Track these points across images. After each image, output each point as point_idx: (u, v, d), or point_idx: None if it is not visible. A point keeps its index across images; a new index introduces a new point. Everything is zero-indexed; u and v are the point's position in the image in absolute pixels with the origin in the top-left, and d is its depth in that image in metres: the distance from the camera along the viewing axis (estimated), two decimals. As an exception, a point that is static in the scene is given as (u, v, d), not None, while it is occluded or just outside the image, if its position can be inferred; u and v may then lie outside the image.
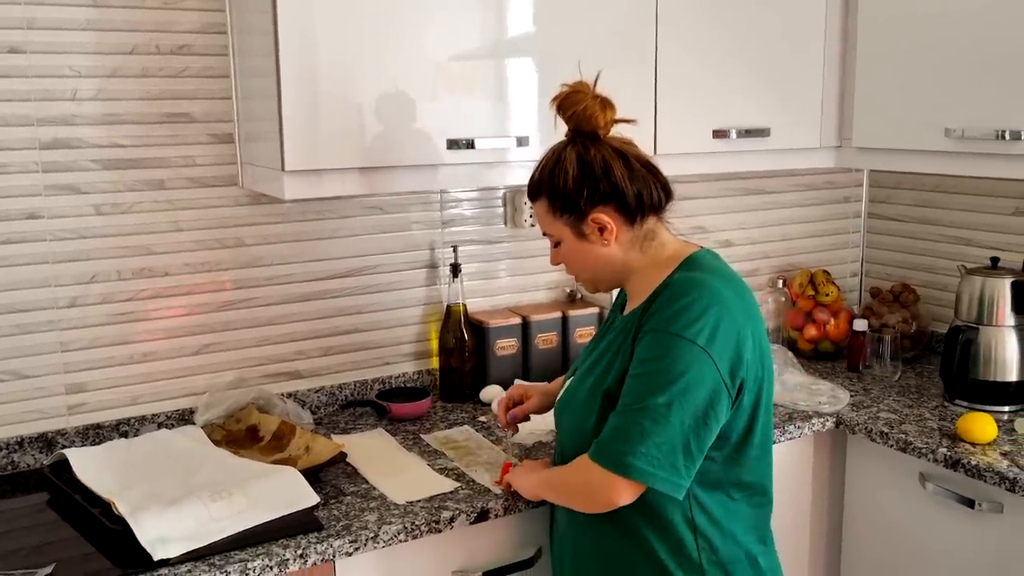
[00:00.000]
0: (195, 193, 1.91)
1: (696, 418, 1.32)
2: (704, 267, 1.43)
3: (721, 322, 1.34)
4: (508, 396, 1.82)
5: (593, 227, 1.44)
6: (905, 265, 2.64)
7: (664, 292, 1.39)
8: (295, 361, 2.08)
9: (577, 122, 1.45)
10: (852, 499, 2.12)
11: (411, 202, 2.15)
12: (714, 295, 1.36)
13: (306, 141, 1.68)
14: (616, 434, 1.34)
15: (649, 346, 1.36)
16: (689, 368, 1.31)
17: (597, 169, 1.42)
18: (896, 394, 2.20)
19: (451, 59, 1.80)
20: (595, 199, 1.42)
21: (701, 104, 2.10)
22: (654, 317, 1.37)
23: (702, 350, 1.32)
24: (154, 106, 1.84)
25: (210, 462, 1.74)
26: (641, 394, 1.33)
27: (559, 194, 1.44)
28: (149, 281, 1.89)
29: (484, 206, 2.25)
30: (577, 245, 1.48)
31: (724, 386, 1.34)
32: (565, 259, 1.52)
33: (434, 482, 1.72)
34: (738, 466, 1.43)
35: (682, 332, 1.32)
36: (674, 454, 1.31)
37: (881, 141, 2.24)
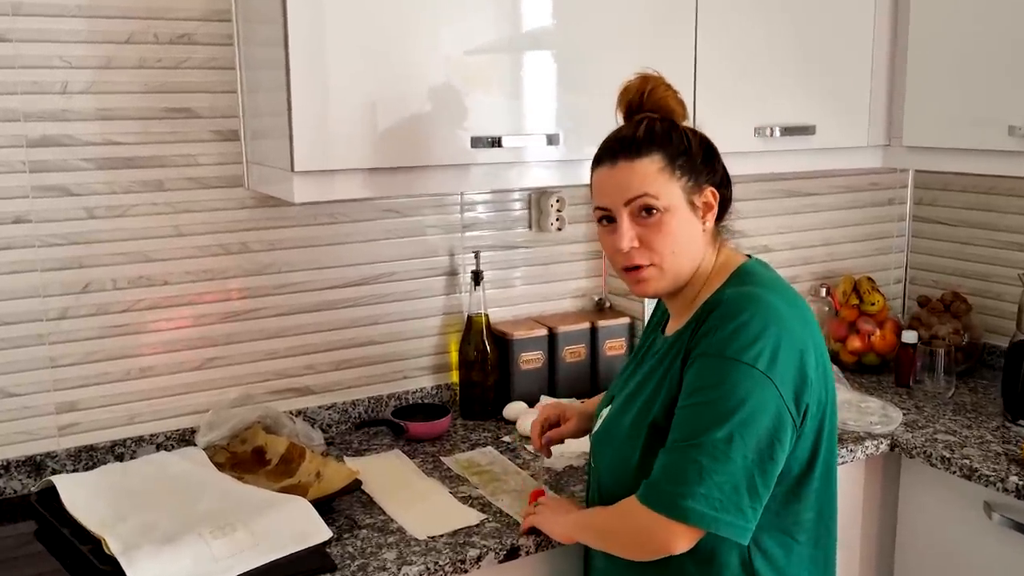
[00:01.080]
0: (197, 195, 1.76)
1: (760, 452, 1.17)
2: (757, 280, 1.29)
3: (782, 342, 1.19)
4: (544, 417, 1.68)
5: (702, 203, 1.29)
6: (954, 272, 2.48)
7: (715, 311, 1.23)
8: (305, 376, 1.93)
9: (657, 110, 1.31)
10: (906, 529, 1.96)
11: (429, 205, 2.00)
12: (772, 312, 1.21)
13: (318, 139, 1.52)
14: (670, 474, 1.18)
15: (702, 373, 1.21)
16: (750, 396, 1.17)
17: (713, 146, 1.33)
18: (951, 413, 2.04)
19: (475, 51, 1.64)
20: (713, 175, 1.31)
21: (742, 100, 1.95)
22: (705, 340, 1.22)
23: (763, 375, 1.17)
24: (152, 100, 1.69)
25: (212, 489, 1.59)
26: (696, 428, 1.18)
27: (681, 153, 1.27)
28: (147, 290, 1.74)
29: (506, 209, 2.10)
30: (683, 217, 1.27)
31: (788, 413, 1.19)
32: (654, 235, 1.26)
33: (458, 513, 1.57)
34: (799, 502, 1.28)
35: (739, 356, 1.18)
36: (738, 494, 1.16)
37: (934, 139, 2.08)
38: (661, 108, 1.31)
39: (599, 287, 2.25)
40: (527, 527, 1.48)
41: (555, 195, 2.12)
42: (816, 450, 1.26)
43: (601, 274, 2.24)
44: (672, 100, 1.32)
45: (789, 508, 1.27)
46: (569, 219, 2.15)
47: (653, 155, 1.26)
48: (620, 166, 1.27)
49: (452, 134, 1.63)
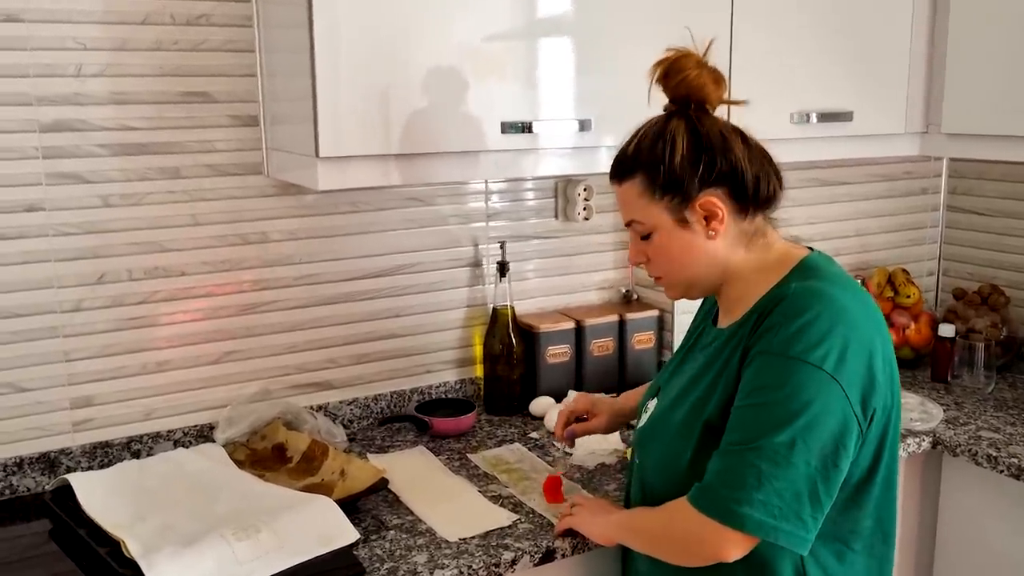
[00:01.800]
0: (215, 182, 1.70)
1: (824, 458, 1.10)
2: (822, 274, 1.20)
3: (850, 342, 1.11)
4: (572, 408, 1.60)
5: (699, 214, 1.20)
6: (989, 263, 2.41)
7: (779, 306, 1.15)
8: (325, 370, 1.87)
9: (685, 91, 1.22)
10: (947, 530, 1.89)
11: (452, 193, 1.93)
12: (840, 310, 1.13)
13: (343, 124, 1.46)
14: (726, 478, 1.12)
15: (764, 372, 1.13)
16: (815, 399, 1.10)
17: (715, 142, 1.19)
18: (993, 409, 1.97)
19: (504, 36, 1.58)
20: (708, 178, 1.19)
21: (779, 85, 1.87)
22: (767, 337, 1.14)
23: (830, 377, 1.10)
24: (168, 84, 1.63)
25: (233, 488, 1.53)
26: (756, 430, 1.11)
27: (662, 171, 1.20)
28: (163, 281, 1.68)
29: (532, 198, 2.03)
30: (674, 236, 1.22)
31: (855, 418, 1.12)
32: (654, 255, 1.26)
33: (488, 514, 1.51)
34: (859, 509, 1.21)
35: (805, 356, 1.10)
36: (799, 502, 1.09)
37: (974, 126, 2.01)
38: (690, 87, 1.22)
39: (626, 278, 2.18)
40: (563, 529, 1.42)
41: (582, 183, 2.05)
42: (879, 456, 1.19)
43: (628, 265, 2.17)
44: (700, 78, 1.21)
45: (847, 515, 1.20)
46: (596, 208, 2.08)
47: (635, 178, 1.22)
48: (615, 189, 1.27)
49: (481, 120, 1.56)
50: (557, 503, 1.52)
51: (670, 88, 1.23)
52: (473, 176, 1.65)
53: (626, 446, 1.76)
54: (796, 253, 1.25)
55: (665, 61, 1.23)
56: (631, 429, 1.85)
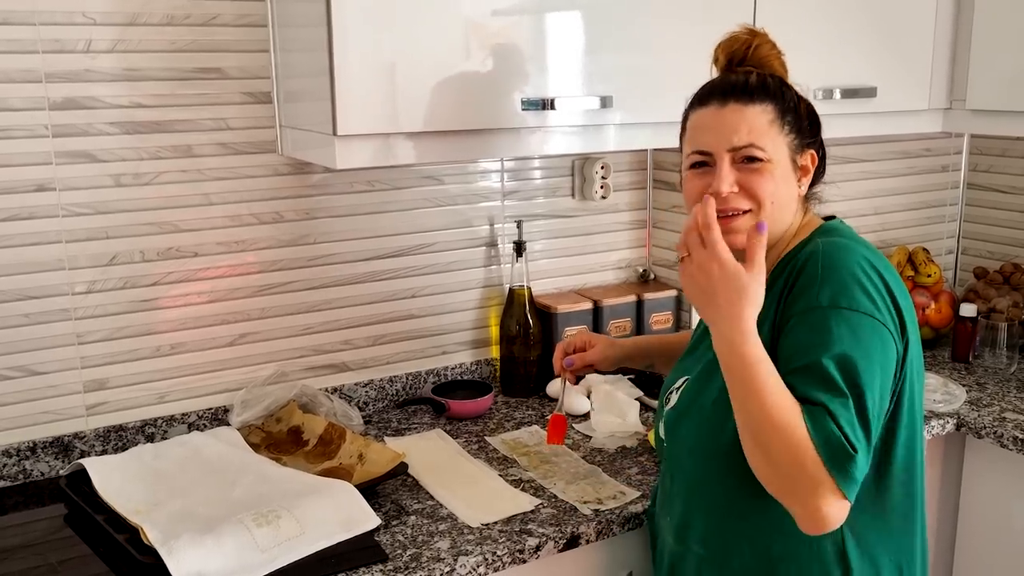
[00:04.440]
0: (228, 161, 1.66)
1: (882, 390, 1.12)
2: (844, 233, 1.25)
3: (887, 288, 1.15)
4: (569, 342, 1.58)
5: (802, 163, 1.24)
6: (1010, 241, 2.37)
7: (810, 262, 1.16)
8: (341, 352, 1.84)
9: (762, 64, 1.25)
10: (969, 513, 1.87)
11: (468, 172, 1.90)
12: (870, 259, 1.16)
13: (361, 102, 1.42)
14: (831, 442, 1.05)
15: (815, 326, 1.12)
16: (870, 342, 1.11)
17: (812, 108, 1.27)
18: (1016, 390, 1.95)
19: (526, 11, 1.53)
20: (814, 136, 1.26)
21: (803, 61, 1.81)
22: (809, 293, 1.14)
23: (877, 323, 1.12)
24: (180, 60, 1.59)
25: (250, 472, 1.51)
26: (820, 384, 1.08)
27: (792, 109, 1.22)
28: (177, 263, 1.65)
29: (549, 176, 1.99)
30: (784, 172, 1.20)
31: (900, 359, 1.16)
32: (755, 184, 1.18)
33: (511, 498, 1.48)
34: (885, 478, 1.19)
35: (854, 305, 1.12)
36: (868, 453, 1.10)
37: (1000, 102, 1.96)
38: (765, 67, 1.24)
39: (643, 258, 2.15)
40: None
41: (599, 161, 2.01)
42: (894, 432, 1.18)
43: (645, 244, 2.14)
44: (776, 60, 1.27)
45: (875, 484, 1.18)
46: (614, 186, 2.05)
47: (766, 104, 1.20)
48: (730, 108, 1.19)
49: (501, 96, 1.53)
50: (556, 444, 1.53)
51: (756, 58, 1.25)
52: (492, 154, 1.62)
53: (646, 429, 1.73)
54: (816, 220, 1.29)
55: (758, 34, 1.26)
56: (650, 411, 1.82)
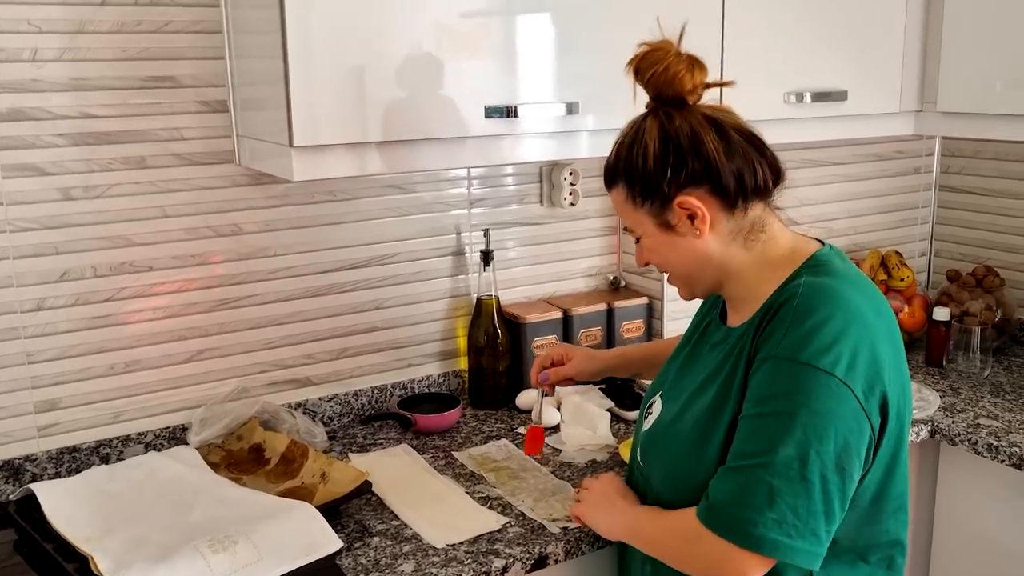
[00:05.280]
0: (183, 172, 1.61)
1: (838, 470, 1.05)
2: (833, 271, 1.13)
3: (863, 346, 1.06)
4: (547, 355, 1.55)
5: (681, 215, 1.14)
6: (983, 244, 2.36)
7: (785, 306, 1.09)
8: (304, 366, 1.79)
9: (658, 86, 1.15)
10: (945, 522, 1.85)
11: (434, 180, 1.85)
12: (851, 310, 1.07)
13: (319, 111, 1.37)
14: (737, 496, 1.06)
15: (772, 378, 1.07)
16: (826, 407, 1.04)
17: (684, 141, 1.12)
18: (990, 395, 1.93)
19: (488, 14, 1.49)
20: (682, 179, 1.13)
21: (772, 65, 1.80)
22: (774, 339, 1.08)
23: (841, 383, 1.04)
24: (131, 68, 1.53)
25: (208, 495, 1.46)
26: (765, 442, 1.05)
27: (638, 176, 1.15)
28: (130, 277, 1.59)
29: (516, 183, 1.95)
30: (663, 239, 1.18)
31: (869, 426, 1.06)
32: (650, 258, 1.23)
33: (477, 517, 1.44)
34: (875, 524, 1.16)
35: (814, 361, 1.04)
36: (814, 518, 1.04)
37: (971, 104, 1.95)
38: (665, 81, 1.15)
39: (613, 265, 2.11)
40: (575, 517, 1.37)
41: (568, 167, 1.98)
42: (892, 468, 1.14)
43: (615, 251, 2.11)
44: (671, 69, 1.14)
45: (863, 531, 1.15)
46: (583, 193, 2.01)
47: (619, 185, 1.19)
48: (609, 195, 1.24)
49: (463, 104, 1.48)
50: (534, 455, 1.54)
51: (646, 85, 1.17)
52: (456, 163, 1.57)
53: (617, 441, 1.70)
54: (805, 248, 1.18)
55: (636, 57, 1.17)
56: (622, 423, 1.79)
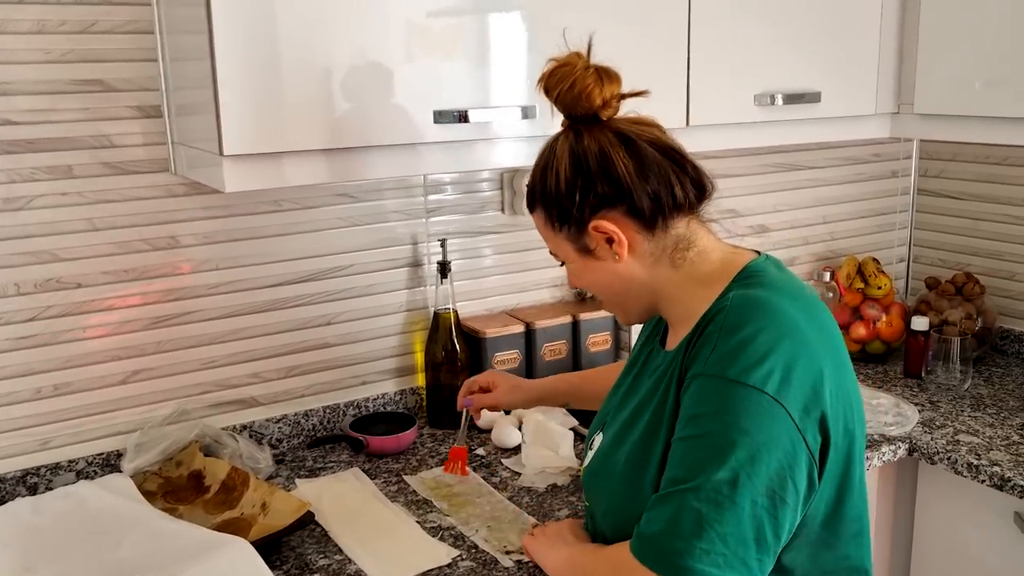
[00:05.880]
0: (114, 182, 1.51)
1: (771, 495, 0.97)
2: (766, 282, 1.06)
3: (796, 360, 0.98)
4: (474, 379, 1.54)
5: (598, 239, 1.09)
6: (962, 249, 2.29)
7: (714, 321, 1.02)
8: (250, 386, 1.69)
9: (567, 104, 1.10)
10: (924, 543, 1.77)
11: (388, 188, 1.76)
12: (783, 322, 1.00)
13: (252, 116, 1.28)
14: (667, 526, 0.98)
15: (700, 398, 1.00)
16: (756, 427, 0.96)
17: (592, 163, 1.07)
18: (970, 408, 1.85)
19: (437, 13, 1.40)
20: (594, 203, 1.07)
21: (742, 66, 1.72)
22: (702, 356, 1.01)
23: (773, 400, 0.96)
24: (56, 71, 1.43)
25: (140, 529, 1.36)
26: (694, 467, 0.98)
27: (552, 201, 1.10)
28: (58, 295, 1.49)
29: (476, 190, 1.86)
30: (584, 264, 1.13)
31: (805, 447, 0.98)
32: (577, 283, 1.19)
33: (426, 550, 1.35)
34: (831, 550, 1.08)
35: (743, 377, 0.96)
36: (744, 547, 0.96)
37: (949, 107, 1.87)
38: (573, 99, 1.09)
39: (580, 275, 2.02)
40: (524, 549, 1.32)
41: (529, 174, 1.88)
42: (844, 491, 1.05)
43: (582, 260, 2.02)
44: (578, 86, 1.08)
45: (819, 558, 1.07)
46: (546, 200, 1.92)
47: (538, 211, 1.14)
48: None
49: (412, 109, 1.39)
50: (454, 473, 1.52)
51: (556, 103, 1.11)
52: (407, 172, 1.48)
53: (580, 463, 1.61)
54: (738, 260, 1.11)
55: (542, 76, 1.11)
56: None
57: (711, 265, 1.10)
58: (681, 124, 1.65)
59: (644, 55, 1.59)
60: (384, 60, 1.36)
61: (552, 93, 1.11)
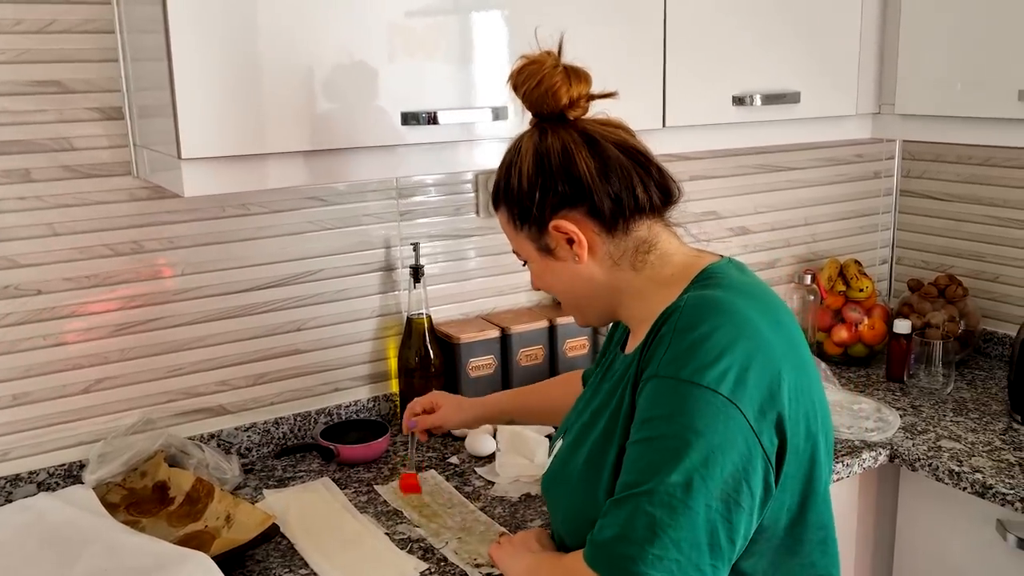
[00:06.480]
0: (74, 186, 1.47)
1: (725, 498, 0.94)
2: (725, 283, 1.04)
3: (752, 360, 0.96)
4: (417, 401, 1.54)
5: (559, 239, 1.08)
6: (945, 251, 2.26)
7: (668, 322, 1.00)
8: (217, 394, 1.65)
9: (534, 102, 1.09)
10: (905, 551, 1.75)
11: (359, 191, 1.72)
12: (740, 321, 0.98)
13: (212, 117, 1.24)
14: (620, 531, 0.95)
15: (653, 399, 0.97)
16: (711, 429, 0.94)
17: (554, 161, 1.06)
18: (952, 413, 1.83)
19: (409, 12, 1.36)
20: (555, 202, 1.06)
21: (719, 66, 1.69)
22: (656, 357, 0.98)
23: (727, 401, 0.94)
24: (12, 72, 1.39)
25: (98, 543, 1.32)
26: (647, 470, 0.95)
27: (515, 199, 1.09)
28: (15, 302, 1.45)
29: (451, 192, 1.83)
30: (545, 264, 1.12)
31: (760, 450, 0.96)
32: (539, 284, 1.18)
33: (394, 564, 1.32)
34: (796, 557, 1.05)
35: (697, 378, 0.94)
36: (698, 552, 0.93)
37: (931, 107, 1.84)
38: (540, 97, 1.08)
39: (558, 278, 1.99)
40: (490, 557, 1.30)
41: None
42: (807, 495, 1.03)
43: (560, 263, 1.98)
44: (545, 83, 1.06)
45: (783, 567, 1.05)
46: (522, 203, 1.89)
47: (501, 209, 1.13)
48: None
49: (380, 111, 1.36)
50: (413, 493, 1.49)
51: (523, 100, 1.10)
52: (379, 175, 1.45)
53: (555, 472, 1.58)
54: (698, 262, 1.09)
55: (512, 72, 1.10)
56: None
57: (672, 268, 1.09)
58: (657, 125, 1.62)
59: (619, 55, 1.56)
60: (348, 61, 1.33)
61: (520, 90, 1.10)
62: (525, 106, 1.10)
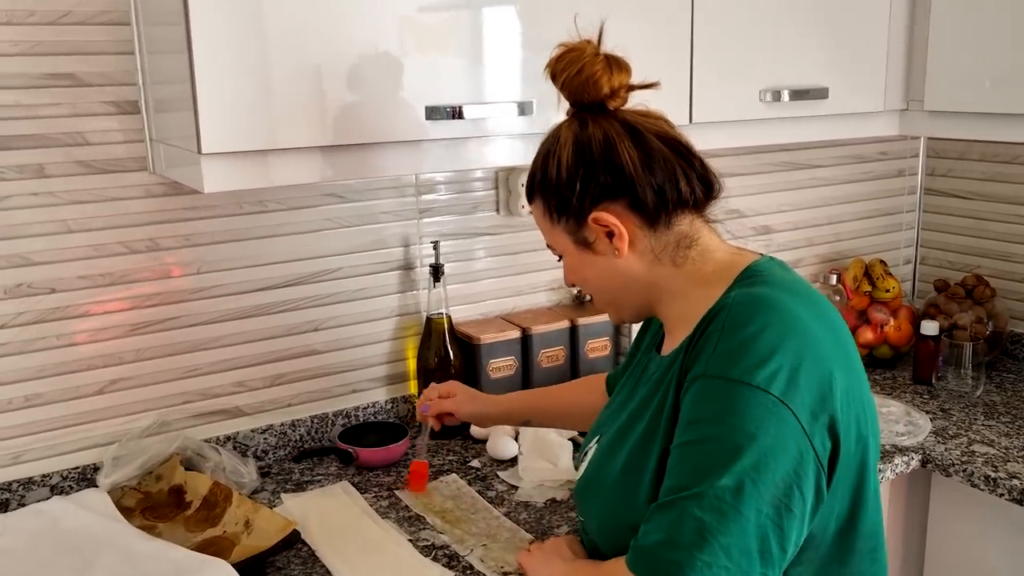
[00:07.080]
0: (89, 182, 1.43)
1: (776, 503, 0.91)
2: (771, 281, 1.01)
3: (804, 360, 0.92)
4: (434, 387, 1.51)
5: (598, 231, 1.05)
6: (971, 251, 2.22)
7: (715, 320, 0.96)
8: (234, 395, 1.62)
9: (573, 91, 1.06)
10: (937, 561, 1.71)
11: (378, 187, 1.69)
12: (789, 321, 0.94)
13: (233, 112, 1.20)
14: (666, 537, 0.92)
15: (701, 400, 0.94)
16: (761, 430, 0.90)
17: (596, 151, 1.02)
18: (983, 417, 1.79)
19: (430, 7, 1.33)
20: (596, 194, 1.03)
21: (747, 61, 1.65)
22: (703, 357, 0.95)
23: (778, 402, 0.90)
24: (24, 65, 1.35)
25: (113, 548, 1.29)
26: (695, 473, 0.92)
27: (552, 190, 1.05)
28: (29, 301, 1.42)
29: (470, 190, 1.79)
30: (582, 258, 1.08)
31: (812, 452, 0.92)
32: (573, 278, 1.14)
33: (418, 571, 1.28)
34: (844, 566, 1.02)
35: (747, 377, 0.91)
36: (749, 559, 0.90)
37: (960, 103, 1.80)
38: (581, 86, 1.04)
39: (578, 278, 1.95)
40: (519, 565, 1.25)
41: (526, 172, 1.81)
42: (857, 501, 0.99)
43: (580, 262, 1.95)
44: (585, 72, 1.03)
45: (832, 572, 1.01)
46: (543, 200, 1.85)
47: (537, 201, 1.10)
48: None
49: (403, 106, 1.32)
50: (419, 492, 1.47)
51: (562, 89, 1.06)
52: (400, 171, 1.40)
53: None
54: (741, 260, 1.05)
55: (550, 60, 1.06)
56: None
57: (713, 265, 1.05)
58: (684, 121, 1.58)
59: (646, 49, 1.51)
60: (376, 55, 1.29)
61: (559, 79, 1.06)
62: (563, 95, 1.07)
